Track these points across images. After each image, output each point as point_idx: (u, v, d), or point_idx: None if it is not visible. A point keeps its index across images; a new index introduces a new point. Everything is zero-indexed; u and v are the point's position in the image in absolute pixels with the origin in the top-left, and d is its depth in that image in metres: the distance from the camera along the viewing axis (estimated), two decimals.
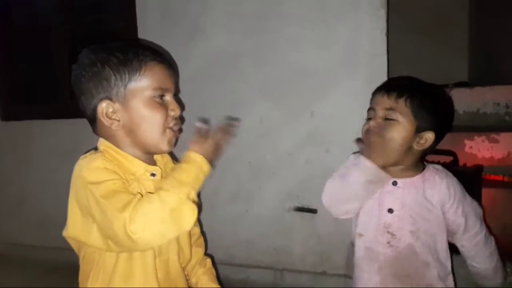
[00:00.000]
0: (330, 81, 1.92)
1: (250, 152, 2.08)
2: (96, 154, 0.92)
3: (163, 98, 0.94)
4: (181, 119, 0.99)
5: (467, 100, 2.34)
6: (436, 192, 1.08)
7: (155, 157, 1.02)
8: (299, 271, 2.06)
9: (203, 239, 1.18)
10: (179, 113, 0.95)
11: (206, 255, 1.17)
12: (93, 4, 2.47)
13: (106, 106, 0.90)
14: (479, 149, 1.95)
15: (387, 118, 1.04)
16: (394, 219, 1.08)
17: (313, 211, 1.99)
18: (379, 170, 1.03)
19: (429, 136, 1.05)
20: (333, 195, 1.13)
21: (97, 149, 0.95)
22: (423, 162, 1.14)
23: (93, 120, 0.95)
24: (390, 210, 1.08)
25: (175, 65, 1.84)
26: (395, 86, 1.06)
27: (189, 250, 1.06)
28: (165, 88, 0.93)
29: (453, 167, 1.60)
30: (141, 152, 0.95)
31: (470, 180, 1.42)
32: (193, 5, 2.10)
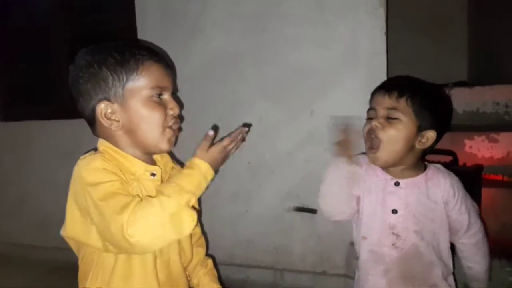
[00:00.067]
0: (330, 80, 1.92)
1: (250, 152, 2.08)
2: (96, 154, 0.91)
3: (161, 97, 0.94)
4: (180, 118, 0.99)
5: (467, 100, 2.35)
6: (440, 191, 1.08)
7: (155, 157, 1.02)
8: (299, 271, 2.06)
9: (204, 239, 1.18)
10: (178, 111, 0.95)
11: (207, 256, 1.17)
12: (92, 4, 2.46)
13: (105, 107, 0.90)
14: (479, 148, 1.95)
15: (389, 117, 1.04)
16: (399, 220, 1.08)
17: (313, 211, 1.98)
18: (353, 166, 1.06)
19: (430, 135, 1.06)
20: (324, 198, 1.15)
21: (96, 149, 0.95)
22: (423, 161, 1.14)
23: (92, 121, 0.94)
24: (394, 211, 1.08)
25: (172, 64, 1.83)
26: (396, 86, 1.06)
27: (190, 250, 1.06)
28: (163, 87, 0.93)
29: (453, 167, 1.60)
30: (141, 152, 0.95)
31: (470, 179, 1.42)
32: (192, 5, 2.10)
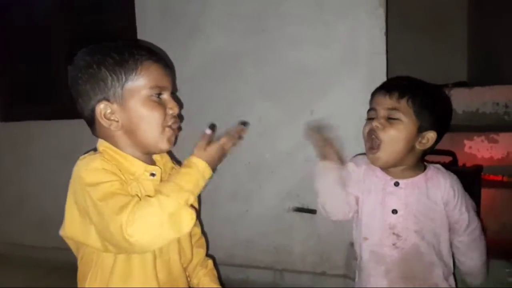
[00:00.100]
0: (330, 80, 1.92)
1: (250, 152, 2.08)
2: (95, 154, 0.91)
3: (161, 96, 0.94)
4: (180, 118, 0.99)
5: (467, 100, 2.34)
6: (440, 191, 1.08)
7: (154, 157, 1.02)
8: (299, 271, 2.06)
9: (204, 240, 1.18)
10: (177, 111, 0.95)
11: (207, 256, 1.16)
12: (92, 4, 2.47)
13: (104, 107, 0.90)
14: (478, 149, 1.95)
15: (390, 118, 1.04)
16: (399, 220, 1.08)
17: (313, 212, 1.98)
18: (338, 166, 1.10)
19: (431, 136, 1.06)
20: (321, 202, 1.16)
21: (96, 150, 0.95)
22: (423, 162, 1.14)
23: (91, 122, 0.95)
24: (394, 211, 1.08)
25: (171, 63, 1.83)
26: (396, 86, 1.06)
27: (190, 250, 1.06)
28: (162, 87, 0.93)
29: (453, 167, 1.60)
30: (141, 152, 0.95)
31: (470, 180, 1.42)
32: (192, 5, 2.10)
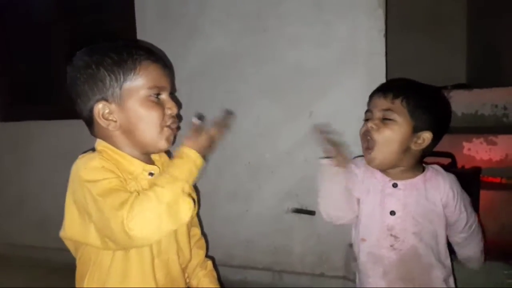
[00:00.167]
0: (329, 80, 1.91)
1: (249, 152, 2.08)
2: (94, 153, 0.92)
3: (159, 97, 0.94)
4: (178, 118, 0.99)
5: (466, 102, 2.35)
6: (439, 193, 1.09)
7: (153, 157, 1.02)
8: (297, 272, 2.06)
9: (204, 241, 1.18)
10: (176, 111, 0.96)
11: (207, 257, 1.16)
12: (92, 4, 2.47)
13: (102, 107, 0.91)
14: (477, 151, 1.95)
15: (385, 118, 1.05)
16: (397, 221, 1.08)
17: (311, 213, 1.98)
18: (330, 167, 1.09)
19: (426, 136, 1.06)
20: (322, 206, 1.15)
21: (94, 149, 0.95)
22: (422, 163, 1.14)
23: (90, 122, 0.95)
24: (392, 212, 1.08)
25: (170, 63, 1.84)
26: (391, 87, 1.08)
27: (188, 251, 1.06)
28: (160, 87, 0.94)
29: (451, 169, 1.60)
30: (139, 151, 0.96)
31: (468, 181, 1.42)
32: (191, 5, 2.10)
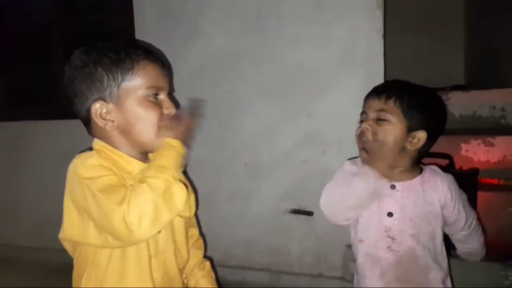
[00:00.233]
0: (328, 80, 1.92)
1: (248, 152, 2.08)
2: (91, 152, 0.92)
3: (157, 97, 0.94)
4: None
5: (464, 103, 2.36)
6: (437, 194, 1.09)
7: (150, 156, 1.02)
8: (295, 273, 2.06)
9: (202, 241, 1.17)
10: (174, 111, 0.95)
11: (205, 258, 1.16)
12: (91, 4, 2.47)
13: (100, 107, 0.91)
14: (475, 152, 1.95)
15: (379, 119, 1.06)
16: (394, 222, 1.08)
17: (310, 214, 1.98)
18: (382, 179, 1.04)
19: (421, 136, 1.06)
20: (334, 203, 1.12)
21: (91, 149, 0.95)
22: (419, 164, 1.14)
23: (87, 122, 0.95)
24: (390, 214, 1.08)
25: (168, 64, 1.83)
26: (385, 88, 1.09)
27: (186, 251, 1.05)
28: (159, 87, 0.93)
29: (449, 170, 1.61)
30: (137, 151, 0.96)
31: (466, 183, 1.42)
32: (191, 5, 2.09)
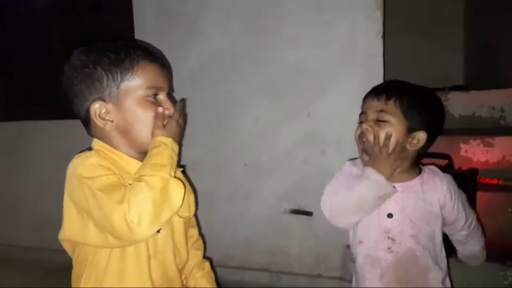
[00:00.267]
0: (328, 80, 1.92)
1: (248, 152, 2.08)
2: (90, 152, 0.92)
3: (157, 97, 0.94)
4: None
5: (463, 104, 2.36)
6: (437, 194, 1.09)
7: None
8: (295, 273, 2.06)
9: (201, 242, 1.17)
10: (173, 111, 0.95)
11: (204, 258, 1.16)
12: (90, 5, 2.47)
13: (99, 107, 0.91)
14: (474, 152, 1.96)
15: (379, 120, 1.05)
16: (394, 224, 1.08)
17: (309, 214, 1.98)
18: (388, 183, 1.03)
19: (421, 136, 1.06)
20: (337, 207, 1.10)
21: (91, 149, 0.95)
22: (419, 165, 1.14)
23: (86, 122, 0.95)
24: (390, 215, 1.08)
25: (168, 64, 1.83)
26: (385, 89, 1.08)
27: (185, 251, 1.05)
28: (158, 87, 0.93)
29: (449, 170, 1.61)
30: (136, 151, 0.95)
31: (465, 183, 1.42)
32: (191, 5, 2.09)
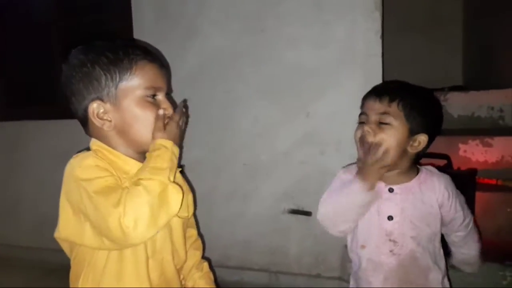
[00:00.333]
0: (327, 81, 1.92)
1: (247, 152, 2.08)
2: (88, 152, 0.92)
3: (155, 97, 0.93)
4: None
5: (462, 104, 2.37)
6: (435, 194, 1.09)
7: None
8: (294, 273, 2.06)
9: (200, 242, 1.17)
10: (171, 112, 0.95)
11: (203, 258, 1.16)
12: (90, 5, 2.47)
13: (97, 107, 0.90)
14: (473, 152, 1.96)
15: (381, 122, 1.05)
16: (395, 226, 1.08)
17: (308, 214, 1.99)
18: (373, 192, 1.04)
19: (422, 139, 1.06)
20: (328, 216, 1.12)
21: (89, 149, 0.95)
22: (416, 165, 1.14)
23: (84, 121, 0.94)
24: (390, 217, 1.08)
25: (167, 64, 1.83)
26: (387, 90, 1.07)
27: (184, 251, 1.05)
28: (157, 87, 0.93)
29: (447, 170, 1.61)
30: (134, 151, 0.95)
31: (464, 183, 1.43)
32: (190, 5, 2.09)
